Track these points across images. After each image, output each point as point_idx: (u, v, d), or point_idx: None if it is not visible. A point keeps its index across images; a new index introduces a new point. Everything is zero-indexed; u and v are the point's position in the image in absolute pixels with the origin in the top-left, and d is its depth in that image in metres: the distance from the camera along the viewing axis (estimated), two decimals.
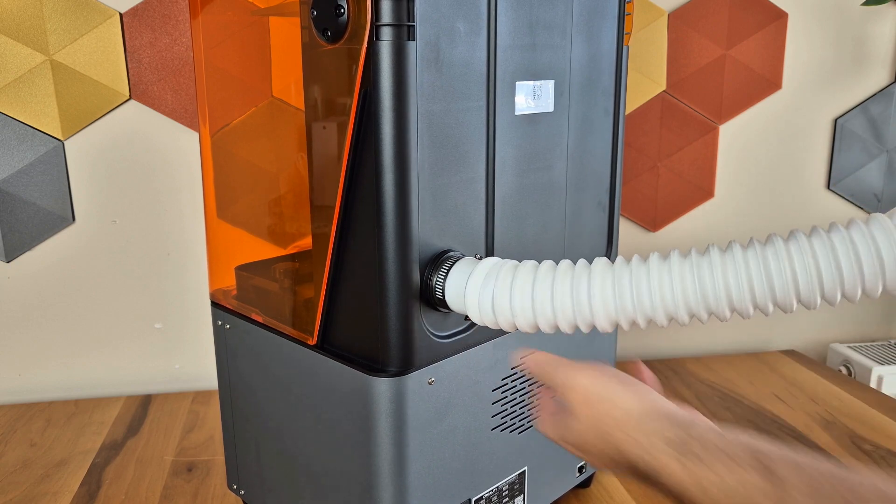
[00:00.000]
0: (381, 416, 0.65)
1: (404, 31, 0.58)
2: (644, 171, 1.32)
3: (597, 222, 0.81)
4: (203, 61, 0.79)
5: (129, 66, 1.12)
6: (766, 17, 1.30)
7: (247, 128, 0.83)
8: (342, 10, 0.59)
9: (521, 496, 0.80)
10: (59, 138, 1.12)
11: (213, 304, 0.82)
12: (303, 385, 0.72)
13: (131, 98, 1.13)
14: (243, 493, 0.85)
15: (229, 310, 0.80)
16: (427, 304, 0.65)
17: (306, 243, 0.76)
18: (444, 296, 0.64)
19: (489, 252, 0.70)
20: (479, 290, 0.61)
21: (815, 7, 1.31)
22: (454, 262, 0.64)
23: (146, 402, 1.18)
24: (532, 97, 0.70)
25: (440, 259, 0.65)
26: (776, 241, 0.53)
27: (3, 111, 1.10)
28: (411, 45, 0.59)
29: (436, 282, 0.64)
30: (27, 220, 1.14)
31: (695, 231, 1.37)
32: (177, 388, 1.24)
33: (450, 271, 0.64)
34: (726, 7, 1.28)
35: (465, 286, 0.62)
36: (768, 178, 1.38)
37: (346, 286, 0.67)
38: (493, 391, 0.74)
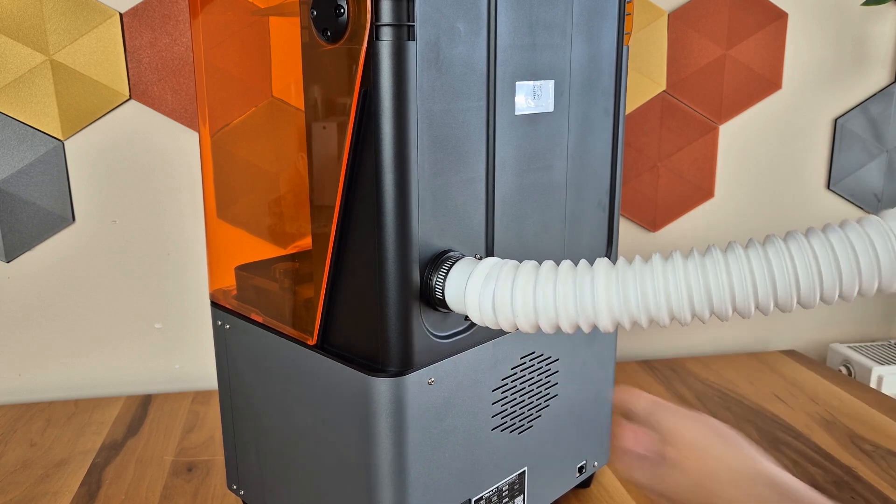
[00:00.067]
0: (380, 416, 0.65)
1: (404, 31, 0.58)
2: (644, 171, 1.32)
3: (597, 222, 0.81)
4: (203, 61, 0.79)
5: (129, 66, 1.12)
6: (766, 17, 1.30)
7: (247, 128, 0.83)
8: (342, 10, 0.59)
9: (521, 496, 0.80)
10: (59, 138, 1.12)
11: (213, 304, 0.82)
12: (302, 385, 0.72)
13: (131, 98, 1.13)
14: (243, 493, 0.85)
15: (229, 310, 0.80)
16: (427, 304, 0.65)
17: (306, 243, 0.76)
18: (444, 296, 0.64)
19: (489, 252, 0.70)
20: (480, 290, 0.61)
21: (815, 7, 1.31)
22: (454, 262, 0.64)
23: (146, 402, 1.18)
24: (532, 97, 0.70)
25: (440, 259, 0.65)
26: (776, 241, 0.53)
27: (3, 111, 1.10)
28: (411, 45, 0.59)
29: (436, 282, 0.64)
30: (27, 220, 1.14)
31: (695, 231, 1.37)
32: (177, 388, 1.24)
33: (450, 271, 0.64)
34: (726, 7, 1.28)
35: (465, 286, 0.62)
36: (768, 178, 1.38)
37: (346, 286, 0.67)
38: (493, 391, 0.74)
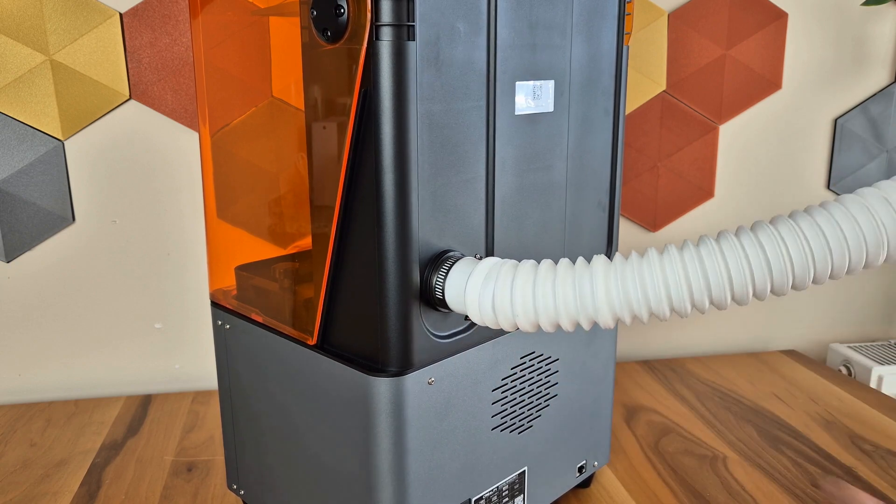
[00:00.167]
0: (380, 416, 0.65)
1: (404, 31, 0.58)
2: (644, 171, 1.32)
3: (597, 222, 0.81)
4: (203, 61, 0.79)
5: (129, 66, 1.12)
6: (766, 17, 1.30)
7: (247, 128, 0.83)
8: (342, 10, 0.59)
9: (521, 496, 0.80)
10: (59, 138, 1.12)
11: (213, 304, 0.83)
12: (302, 385, 0.72)
13: (131, 98, 1.13)
14: (243, 493, 0.85)
15: (229, 310, 0.80)
16: (427, 304, 0.65)
17: (306, 243, 0.76)
18: (443, 296, 0.64)
19: (489, 252, 0.70)
20: (480, 289, 0.61)
21: (815, 7, 1.31)
22: (454, 262, 0.64)
23: (146, 402, 1.18)
24: (532, 97, 0.70)
25: (440, 259, 0.65)
26: (766, 226, 0.53)
27: (3, 111, 1.10)
28: (411, 45, 0.59)
29: (436, 282, 0.64)
30: (27, 220, 1.14)
31: (695, 231, 1.37)
32: (177, 388, 1.24)
33: (450, 271, 0.64)
34: (726, 7, 1.28)
35: (465, 286, 0.62)
36: (768, 178, 1.38)
37: (345, 286, 0.67)
38: (493, 391, 0.74)
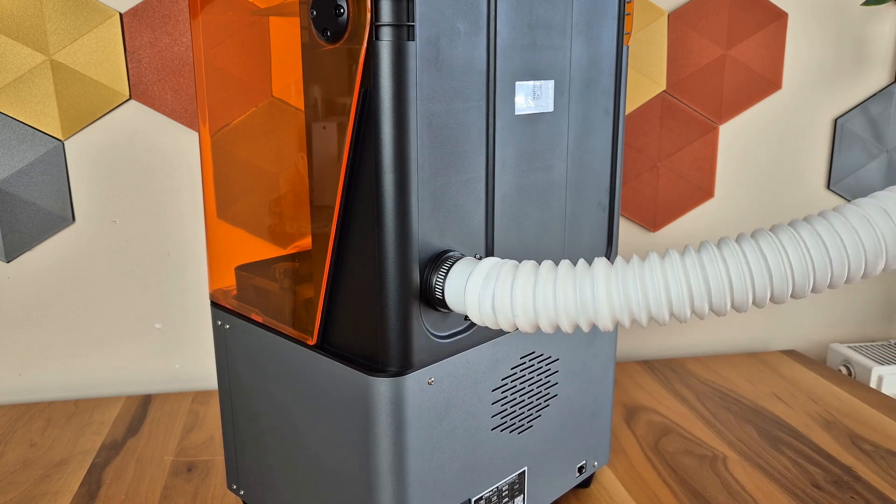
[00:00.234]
0: (380, 416, 0.65)
1: (404, 31, 0.58)
2: (644, 171, 1.32)
3: (597, 222, 0.81)
4: (203, 61, 0.79)
5: (129, 66, 1.12)
6: (766, 17, 1.30)
7: (247, 128, 0.83)
8: (342, 10, 0.59)
9: (521, 496, 0.80)
10: (59, 138, 1.12)
11: (213, 304, 0.83)
12: (302, 385, 0.72)
13: (131, 98, 1.13)
14: (243, 493, 0.85)
15: (229, 310, 0.80)
16: (427, 304, 0.65)
17: (306, 243, 0.76)
18: (443, 296, 0.64)
19: (489, 252, 0.70)
20: (479, 289, 0.61)
21: (815, 7, 1.31)
22: (454, 262, 0.64)
23: (146, 402, 1.19)
24: (532, 97, 0.70)
25: (440, 259, 0.65)
26: (767, 234, 0.53)
27: (3, 111, 1.10)
28: (411, 45, 0.59)
29: (435, 282, 0.64)
30: (27, 220, 1.14)
31: (695, 231, 1.37)
32: (177, 388, 1.24)
33: (449, 271, 0.64)
34: (726, 7, 1.28)
35: (464, 286, 0.62)
36: (768, 178, 1.38)
37: (345, 286, 0.67)
38: (493, 391, 0.74)
